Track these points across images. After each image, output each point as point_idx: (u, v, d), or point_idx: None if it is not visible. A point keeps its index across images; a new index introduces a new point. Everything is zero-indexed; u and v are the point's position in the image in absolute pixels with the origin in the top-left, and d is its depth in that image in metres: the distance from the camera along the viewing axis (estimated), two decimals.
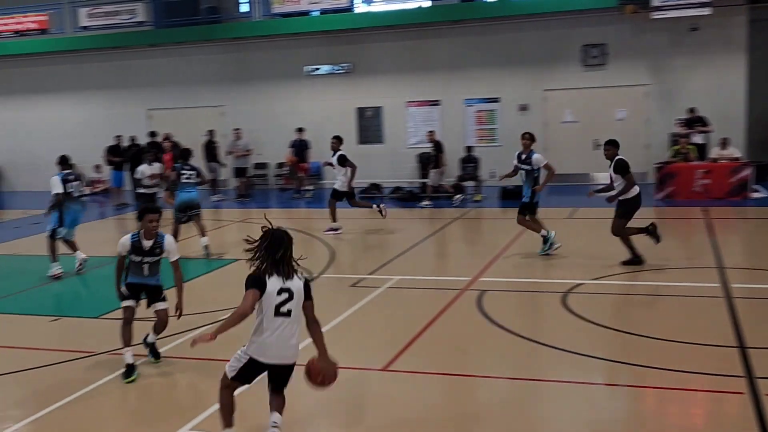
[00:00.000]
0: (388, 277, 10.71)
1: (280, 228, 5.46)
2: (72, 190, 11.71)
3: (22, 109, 25.42)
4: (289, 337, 5.30)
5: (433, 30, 21.01)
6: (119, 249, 7.28)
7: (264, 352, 5.29)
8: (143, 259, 7.31)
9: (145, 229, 7.24)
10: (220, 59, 23.18)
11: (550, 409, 6.27)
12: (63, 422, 6.30)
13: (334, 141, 15.02)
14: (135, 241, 7.24)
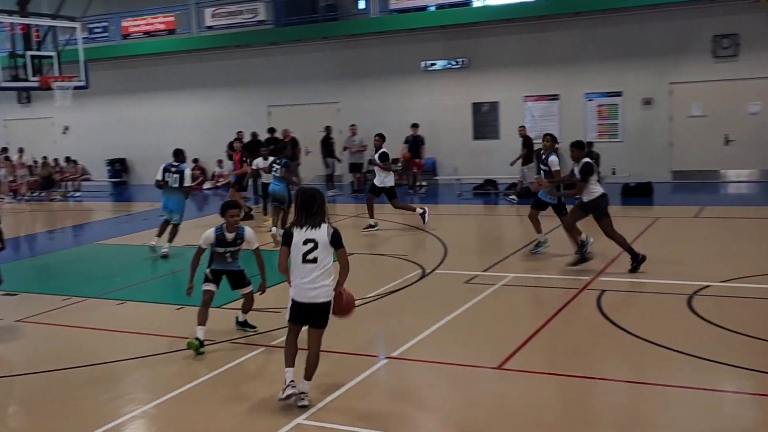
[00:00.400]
0: (504, 274, 10.54)
1: (312, 188, 6.41)
2: (168, 180, 12.92)
3: (150, 105, 26.64)
4: (317, 280, 6.10)
5: (552, 22, 20.56)
6: (201, 242, 7.85)
7: (298, 293, 6.17)
8: (226, 249, 7.89)
9: (228, 223, 7.77)
10: (336, 56, 23.51)
11: (670, 415, 5.96)
12: (185, 407, 6.52)
13: (377, 139, 15.13)
14: (219, 234, 7.80)
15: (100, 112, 27.29)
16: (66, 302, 10.21)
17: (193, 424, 6.18)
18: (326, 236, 6.14)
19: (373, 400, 6.54)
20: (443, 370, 7.10)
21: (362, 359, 7.48)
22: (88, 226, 18.99)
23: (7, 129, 29.86)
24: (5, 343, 8.92)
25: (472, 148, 21.58)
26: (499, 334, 8.12)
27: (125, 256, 13.88)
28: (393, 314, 9.12)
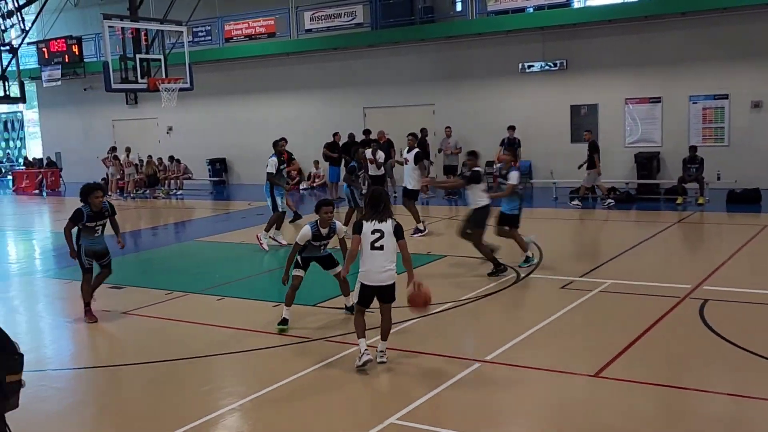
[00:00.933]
0: (601, 280, 10.32)
1: (378, 188, 7.74)
2: None
3: (250, 107, 27.31)
4: (383, 265, 7.10)
5: (655, 23, 19.97)
6: (299, 239, 8.42)
7: (367, 277, 7.15)
8: (321, 243, 8.63)
9: (322, 219, 8.42)
10: (432, 58, 23.51)
11: None
12: (280, 402, 6.65)
13: (410, 138, 15.21)
14: (315, 230, 8.44)
15: (202, 113, 28.18)
16: (168, 296, 10.59)
17: (288, 420, 6.30)
18: (391, 228, 7.13)
19: (466, 403, 6.51)
20: (538, 376, 7.01)
21: (456, 362, 7.46)
22: (188, 223, 19.63)
23: (115, 129, 31.21)
24: (111, 333, 9.33)
25: (569, 152, 21.17)
26: (596, 341, 7.95)
27: (224, 253, 14.28)
28: (487, 318, 9.05)
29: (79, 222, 9.43)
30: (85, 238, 9.54)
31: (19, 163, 35.66)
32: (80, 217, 9.39)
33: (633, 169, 20.01)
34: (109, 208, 9.68)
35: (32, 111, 36.21)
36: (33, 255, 16.01)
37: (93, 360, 8.35)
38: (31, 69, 30.31)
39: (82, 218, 9.39)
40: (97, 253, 9.67)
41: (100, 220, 9.55)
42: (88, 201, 9.41)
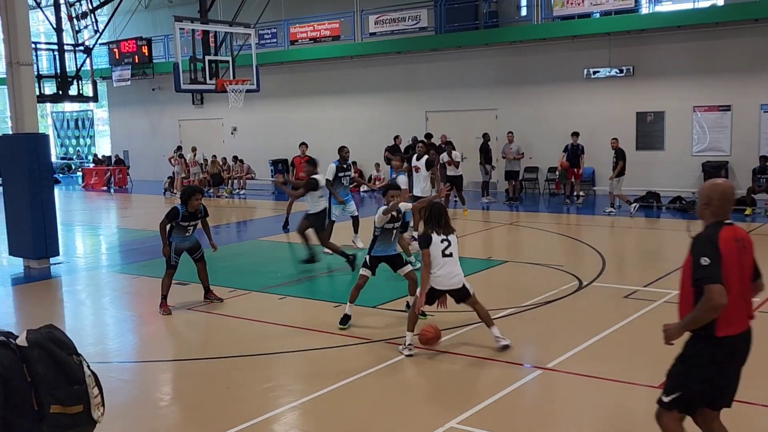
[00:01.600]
0: (666, 291, 10.12)
1: (438, 202, 8.27)
2: None
3: (313, 109, 27.60)
4: (452, 271, 7.70)
5: (726, 30, 19.51)
6: (377, 221, 8.71)
7: (439, 283, 7.66)
8: (394, 226, 8.86)
9: (389, 202, 8.76)
10: (496, 63, 23.41)
11: None
12: (340, 402, 6.72)
13: (420, 145, 15.00)
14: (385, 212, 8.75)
15: (265, 114, 28.59)
16: (231, 294, 10.78)
17: (347, 420, 6.36)
18: (455, 237, 7.83)
19: (526, 410, 6.49)
20: (598, 386, 6.93)
21: (516, 368, 7.43)
22: (250, 222, 19.94)
23: (182, 128, 31.89)
24: (175, 328, 9.55)
25: (634, 159, 20.81)
26: (660, 353, 7.77)
27: (285, 253, 14.46)
28: (548, 325, 8.98)
29: (174, 219, 9.80)
30: (176, 236, 9.92)
31: (89, 161, 36.72)
32: (176, 215, 9.77)
33: (700, 178, 19.56)
34: (202, 210, 10.04)
35: (102, 110, 37.28)
36: (100, 250, 16.47)
37: (157, 354, 8.56)
38: (103, 69, 31.20)
39: (177, 216, 9.77)
40: (188, 249, 10.11)
41: (193, 221, 9.97)
42: (187, 202, 9.77)
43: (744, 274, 4.48)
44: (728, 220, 4.52)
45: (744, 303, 4.51)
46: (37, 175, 13.27)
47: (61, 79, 21.12)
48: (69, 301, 11.49)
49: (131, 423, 6.58)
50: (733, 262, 4.37)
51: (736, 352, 4.54)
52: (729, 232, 4.43)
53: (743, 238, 4.52)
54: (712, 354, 4.49)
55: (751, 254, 4.58)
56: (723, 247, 4.35)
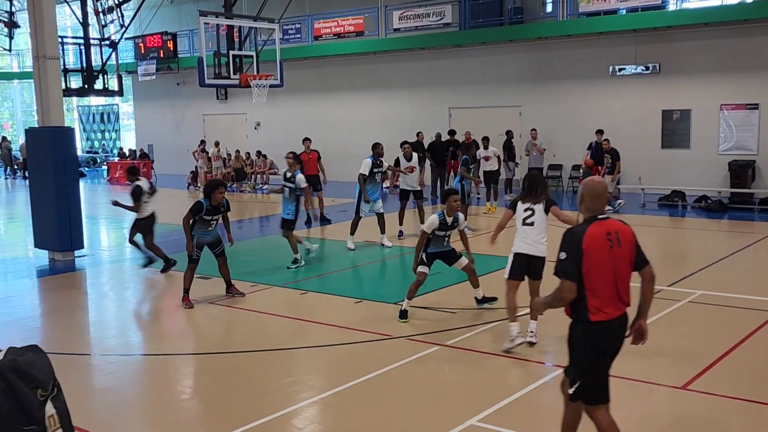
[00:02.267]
0: (690, 290, 10.02)
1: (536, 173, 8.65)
2: None
3: (336, 104, 27.61)
4: (535, 238, 7.89)
5: (754, 27, 19.23)
6: (426, 227, 8.78)
7: (519, 247, 7.92)
8: (446, 233, 8.87)
9: (449, 207, 8.75)
10: (520, 59, 23.26)
11: None
12: (360, 398, 6.71)
13: (407, 147, 15.28)
14: (441, 219, 8.75)
15: (289, 110, 28.64)
16: (253, 288, 10.81)
17: (367, 416, 6.35)
18: (542, 207, 7.96)
19: (546, 408, 6.43)
20: (621, 385, 6.83)
21: (538, 366, 7.38)
22: (273, 217, 19.94)
23: (206, 123, 32.05)
24: (197, 322, 9.59)
25: (659, 158, 20.65)
26: (684, 353, 7.73)
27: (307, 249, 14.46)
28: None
29: (198, 214, 9.85)
30: (198, 230, 9.96)
31: (114, 154, 37.02)
32: (200, 209, 9.82)
33: (726, 178, 19.36)
34: (225, 204, 10.10)
35: (127, 104, 37.58)
36: (124, 243, 16.58)
37: (178, 347, 8.59)
38: (128, 63, 31.44)
39: (201, 210, 9.82)
40: (210, 243, 10.15)
41: (216, 215, 10.02)
42: (211, 196, 9.83)
43: (618, 266, 4.71)
44: (602, 215, 4.79)
45: (616, 291, 4.72)
46: (62, 168, 13.39)
47: (87, 73, 21.28)
48: (92, 294, 11.58)
49: (151, 415, 6.62)
50: (601, 256, 4.66)
51: (612, 336, 4.79)
52: (598, 227, 4.72)
53: (617, 231, 4.75)
54: (590, 337, 4.78)
55: (631, 245, 4.79)
56: (587, 243, 4.65)
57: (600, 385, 4.89)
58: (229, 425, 6.07)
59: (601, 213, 4.82)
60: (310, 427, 6.20)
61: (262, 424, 6.11)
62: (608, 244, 4.68)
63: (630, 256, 4.79)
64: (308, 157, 17.53)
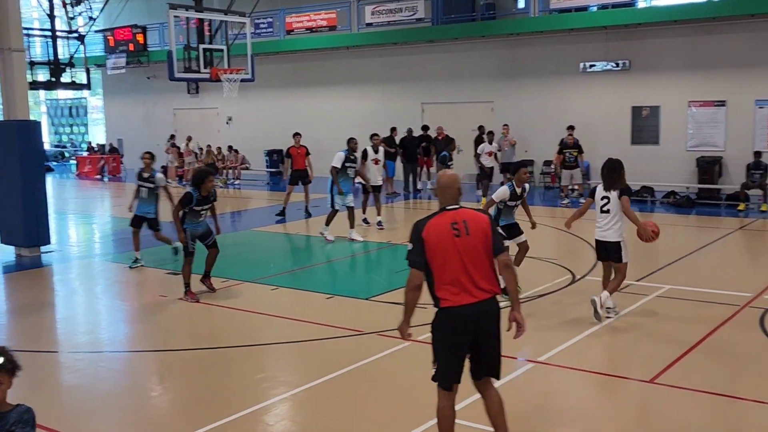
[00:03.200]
0: (658, 285, 10.14)
1: (614, 159, 8.73)
2: None
3: (309, 99, 27.51)
4: (608, 225, 8.49)
5: (723, 24, 19.48)
6: (495, 196, 9.47)
7: (595, 234, 8.67)
8: (516, 203, 9.59)
9: (519, 179, 9.45)
10: (493, 55, 23.35)
11: None
12: (331, 393, 6.70)
13: (376, 138, 15.41)
14: (512, 190, 9.41)
15: (261, 104, 28.50)
16: (224, 284, 10.74)
17: (339, 411, 6.34)
18: (617, 194, 8.39)
19: (516, 403, 6.46)
20: (590, 379, 6.93)
21: (507, 362, 7.40)
22: (245, 213, 19.89)
23: (176, 118, 31.78)
24: (167, 319, 9.51)
25: (629, 153, 20.77)
26: (652, 347, 7.82)
27: (279, 244, 14.43)
28: (541, 318, 8.96)
29: (187, 205, 9.75)
30: (190, 222, 9.90)
31: (83, 149, 36.58)
32: (190, 201, 9.72)
33: (694, 174, 19.62)
34: (214, 193, 10.06)
35: (96, 98, 37.13)
36: (92, 239, 16.41)
37: (149, 344, 8.53)
38: (97, 56, 31.05)
39: (191, 202, 9.73)
40: (201, 235, 10.11)
41: (206, 205, 9.96)
42: (200, 185, 9.75)
43: (468, 254, 4.84)
44: (452, 205, 4.97)
45: (469, 279, 4.85)
46: (28, 162, 13.20)
47: (54, 66, 21.01)
48: (60, 290, 11.44)
49: (122, 413, 6.56)
50: (444, 244, 4.83)
51: (466, 323, 4.88)
52: (443, 217, 4.91)
53: (466, 220, 4.89)
54: (442, 323, 4.94)
55: (484, 233, 4.90)
56: (428, 233, 4.85)
57: (447, 370, 5.00)
58: (200, 422, 6.03)
59: (452, 204, 4.97)
60: (281, 424, 6.19)
61: (233, 420, 6.08)
62: (453, 233, 4.83)
63: (483, 244, 4.89)
64: (297, 151, 17.59)
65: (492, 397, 5.20)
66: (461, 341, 4.95)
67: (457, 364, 5.01)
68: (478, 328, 4.93)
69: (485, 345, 5.02)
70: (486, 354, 5.06)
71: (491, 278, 4.94)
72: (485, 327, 4.96)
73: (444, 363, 5.01)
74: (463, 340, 4.95)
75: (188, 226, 9.88)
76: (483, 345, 5.01)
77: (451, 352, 4.99)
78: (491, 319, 4.99)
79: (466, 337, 4.94)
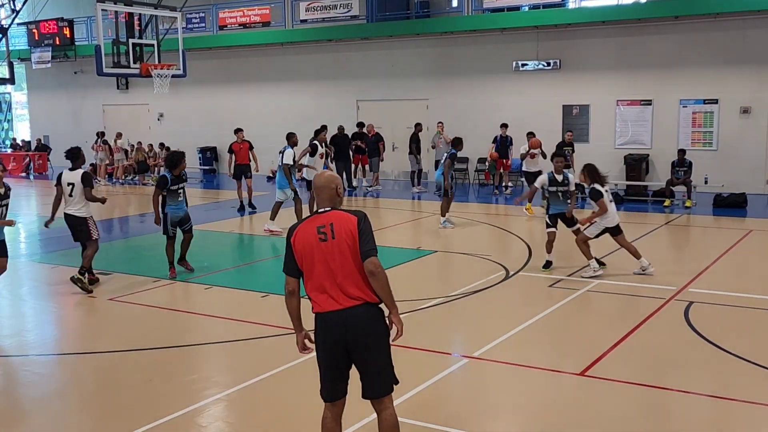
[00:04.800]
0: (587, 280, 10.36)
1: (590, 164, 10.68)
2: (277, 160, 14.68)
3: (243, 96, 27.20)
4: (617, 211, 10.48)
5: (650, 26, 20.02)
6: (537, 183, 11.21)
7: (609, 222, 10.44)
8: (558, 189, 10.71)
9: (555, 167, 10.76)
10: (427, 53, 23.49)
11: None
12: (266, 393, 6.65)
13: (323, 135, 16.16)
14: (551, 177, 10.75)
15: (193, 101, 28.04)
16: (156, 284, 10.56)
17: (273, 412, 6.30)
18: None
19: (452, 398, 6.54)
20: (524, 373, 7.04)
21: (442, 357, 7.48)
22: None
23: (106, 114, 31.02)
24: (96, 320, 9.30)
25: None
26: (582, 341, 7.99)
27: (213, 243, 14.23)
28: (475, 314, 9.08)
29: (164, 187, 10.33)
30: (170, 205, 10.43)
31: (6, 145, 35.41)
32: (165, 182, 10.32)
33: (622, 171, 20.10)
34: (185, 174, 10.71)
35: (21, 93, 35.97)
36: (18, 238, 15.90)
37: (77, 346, 8.32)
38: (21, 50, 30.09)
39: (167, 183, 10.30)
40: (181, 220, 10.65)
41: (181, 183, 10.48)
42: (176, 167, 10.37)
43: (333, 258, 4.66)
44: (324, 207, 4.80)
45: (335, 284, 4.67)
46: None
47: None
48: None
49: (48, 418, 6.38)
50: (308, 250, 4.70)
51: (333, 329, 4.68)
52: (311, 222, 4.76)
53: (333, 223, 4.70)
54: (316, 327, 4.79)
55: (350, 237, 4.66)
56: (295, 238, 4.74)
57: (324, 379, 4.84)
58: (132, 425, 5.91)
59: (326, 206, 4.80)
60: (214, 425, 6.11)
61: (166, 422, 5.98)
62: (318, 238, 4.67)
63: (349, 248, 4.66)
64: (239, 146, 17.77)
65: (384, 421, 4.84)
66: (331, 350, 4.73)
67: (331, 374, 4.80)
68: (347, 337, 4.66)
69: (360, 358, 4.73)
70: (364, 368, 4.76)
71: (361, 284, 4.68)
72: (354, 336, 4.67)
73: (321, 373, 4.84)
74: (333, 349, 4.72)
75: (169, 210, 10.45)
76: (358, 358, 4.74)
77: (323, 361, 4.80)
78: (361, 328, 4.68)
79: (337, 346, 4.70)
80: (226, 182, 25.24)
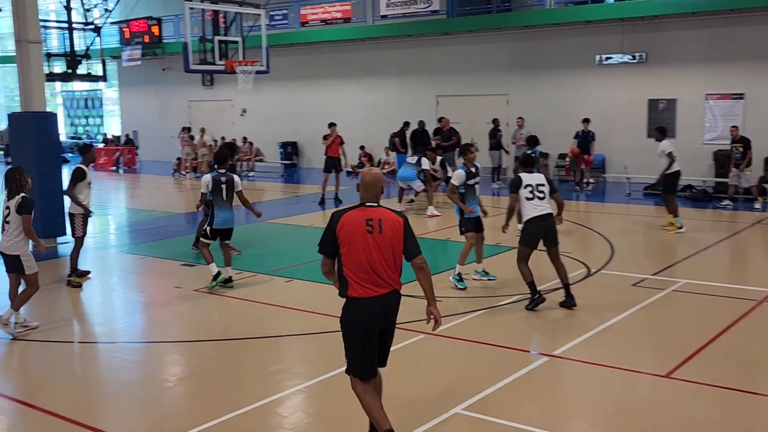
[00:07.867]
0: (674, 279, 10.08)
1: None
2: None
3: (323, 91, 27.48)
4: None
5: (741, 17, 19.28)
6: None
7: None
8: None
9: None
10: (508, 47, 23.23)
11: None
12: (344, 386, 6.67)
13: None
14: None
15: (275, 96, 28.49)
16: (238, 276, 10.76)
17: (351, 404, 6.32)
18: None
19: (531, 396, 6.45)
20: (606, 374, 6.90)
21: (523, 355, 7.41)
22: (259, 205, 19.75)
23: (191, 109, 31.84)
24: (182, 310, 9.54)
25: (645, 147, 20.63)
26: (668, 341, 7.77)
27: (294, 236, 14.45)
28: (556, 312, 8.93)
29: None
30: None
31: (98, 140, 36.71)
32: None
33: (711, 167, 19.46)
34: None
35: (112, 89, 37.25)
36: (108, 230, 16.49)
37: (164, 335, 8.56)
38: (113, 48, 31.14)
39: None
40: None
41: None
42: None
43: (378, 250, 5.06)
44: (371, 202, 5.16)
45: (374, 273, 5.07)
46: (45, 153, 13.25)
47: (71, 58, 21.07)
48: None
49: (136, 403, 6.59)
50: (354, 238, 5.06)
51: (371, 314, 5.11)
52: (360, 212, 5.11)
53: (381, 219, 5.10)
54: (348, 313, 5.17)
55: (397, 234, 5.12)
56: (340, 225, 5.09)
57: (359, 359, 5.22)
58: (215, 413, 6.05)
59: (373, 201, 5.16)
60: (294, 416, 6.20)
61: (247, 411, 6.10)
62: (366, 229, 5.06)
63: (394, 244, 5.10)
64: (331, 140, 18.33)
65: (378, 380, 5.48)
66: (371, 331, 5.16)
67: (371, 354, 5.24)
68: (386, 319, 5.21)
69: (385, 336, 5.32)
70: (384, 344, 5.34)
71: (394, 275, 5.16)
72: (391, 318, 5.25)
73: (354, 353, 5.22)
74: (373, 331, 5.17)
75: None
76: (385, 336, 5.31)
77: (361, 343, 5.17)
78: (394, 311, 5.26)
79: (375, 328, 5.17)
80: (307, 176, 25.59)
